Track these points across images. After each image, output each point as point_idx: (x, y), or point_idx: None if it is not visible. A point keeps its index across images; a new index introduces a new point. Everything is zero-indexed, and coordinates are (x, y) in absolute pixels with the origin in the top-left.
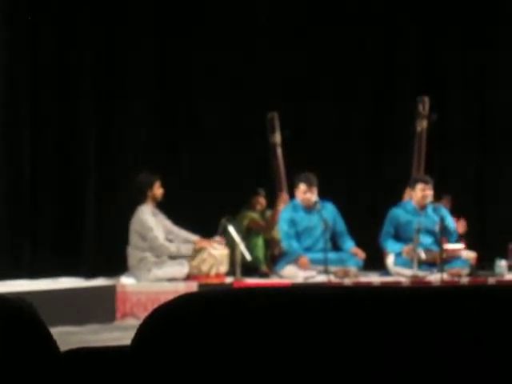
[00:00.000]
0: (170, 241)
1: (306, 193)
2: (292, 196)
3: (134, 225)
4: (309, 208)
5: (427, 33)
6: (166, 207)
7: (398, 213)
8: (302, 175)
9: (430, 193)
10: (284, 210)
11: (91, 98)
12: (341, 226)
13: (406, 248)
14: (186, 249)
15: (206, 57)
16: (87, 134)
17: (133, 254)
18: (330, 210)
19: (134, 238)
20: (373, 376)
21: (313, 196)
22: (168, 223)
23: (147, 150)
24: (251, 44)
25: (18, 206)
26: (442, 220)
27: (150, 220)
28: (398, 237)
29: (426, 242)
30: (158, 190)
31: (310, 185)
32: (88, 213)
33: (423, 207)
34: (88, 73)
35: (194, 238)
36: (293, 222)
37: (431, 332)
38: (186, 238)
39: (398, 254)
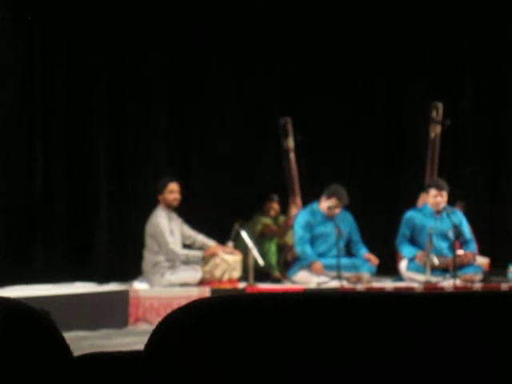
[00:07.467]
0: (188, 246)
1: (330, 203)
2: (305, 201)
3: (148, 228)
4: (329, 216)
5: (440, 37)
6: (180, 212)
7: (413, 215)
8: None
9: (441, 200)
10: (301, 213)
11: (104, 99)
12: (356, 235)
13: (419, 253)
14: (194, 256)
15: (219, 61)
16: (99, 139)
17: (147, 257)
18: (347, 219)
19: (148, 242)
20: (384, 381)
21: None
22: (186, 228)
23: (159, 155)
24: (264, 49)
25: (31, 212)
26: (456, 226)
27: (162, 224)
28: (414, 241)
29: (440, 247)
30: (168, 195)
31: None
32: (101, 218)
33: (439, 211)
34: (101, 76)
35: (211, 243)
36: (309, 226)
37: (443, 338)
38: (203, 243)
39: (411, 259)
